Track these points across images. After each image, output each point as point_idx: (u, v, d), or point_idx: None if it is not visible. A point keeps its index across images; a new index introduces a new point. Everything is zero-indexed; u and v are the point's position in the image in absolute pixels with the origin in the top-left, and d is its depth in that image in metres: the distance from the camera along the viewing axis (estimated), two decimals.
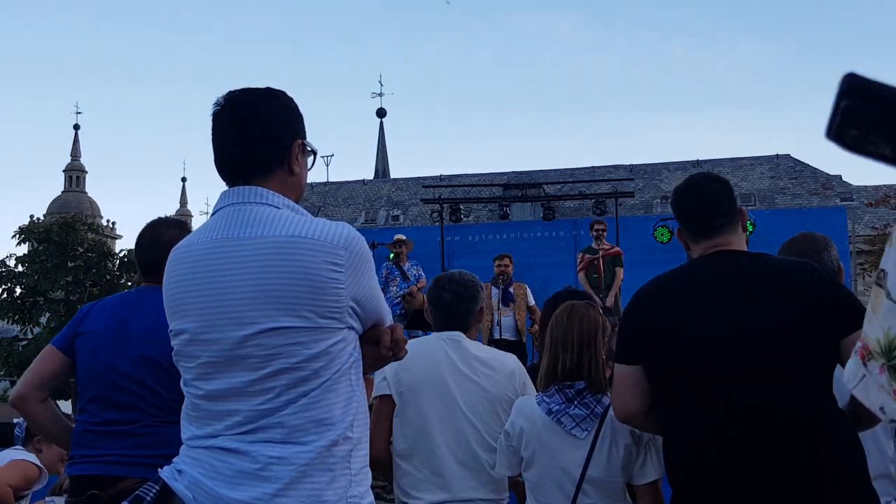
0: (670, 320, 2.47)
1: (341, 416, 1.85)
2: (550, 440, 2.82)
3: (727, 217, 2.55)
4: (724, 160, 33.63)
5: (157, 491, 1.85)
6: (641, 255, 13.43)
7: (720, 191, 2.59)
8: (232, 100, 2.00)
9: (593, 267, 10.57)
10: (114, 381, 2.78)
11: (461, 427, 3.07)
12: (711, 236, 2.54)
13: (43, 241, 28.92)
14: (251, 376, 1.82)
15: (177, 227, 3.07)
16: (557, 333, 2.90)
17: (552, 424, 2.81)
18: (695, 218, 2.58)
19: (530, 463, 2.86)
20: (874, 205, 25.20)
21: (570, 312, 2.93)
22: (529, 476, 2.87)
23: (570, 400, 2.81)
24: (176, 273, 1.96)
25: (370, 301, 1.93)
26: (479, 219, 27.71)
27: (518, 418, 2.88)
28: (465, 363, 3.14)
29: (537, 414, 2.84)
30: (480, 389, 3.11)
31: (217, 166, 2.01)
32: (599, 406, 2.81)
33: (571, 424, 2.79)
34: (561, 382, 2.85)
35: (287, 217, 1.89)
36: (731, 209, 2.56)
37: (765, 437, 2.29)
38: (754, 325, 2.35)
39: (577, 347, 2.86)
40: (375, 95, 49.03)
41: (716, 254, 2.52)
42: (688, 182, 2.66)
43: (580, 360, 2.85)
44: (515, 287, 10.02)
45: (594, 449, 2.78)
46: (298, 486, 1.79)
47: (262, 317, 1.81)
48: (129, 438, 2.71)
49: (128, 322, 2.84)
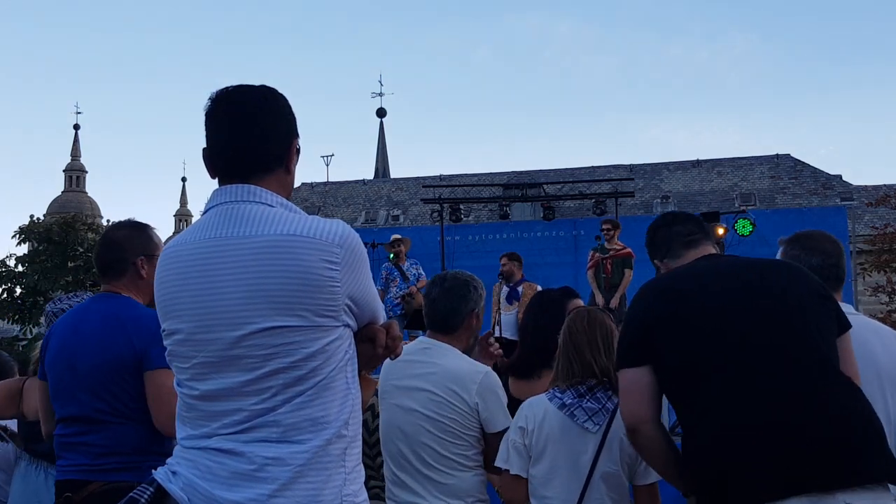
0: (683, 307, 2.46)
1: (337, 414, 1.84)
2: (562, 434, 2.84)
3: (705, 235, 2.78)
4: (724, 160, 33.60)
5: (151, 493, 1.84)
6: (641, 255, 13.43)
7: (692, 219, 2.83)
8: (229, 97, 1.97)
9: (602, 267, 10.54)
10: (66, 397, 2.96)
11: (417, 437, 3.00)
12: (699, 246, 2.72)
13: (43, 241, 28.90)
14: (247, 376, 1.81)
15: (129, 228, 3.14)
16: (578, 338, 2.93)
17: (564, 418, 2.84)
18: (681, 234, 2.76)
19: (540, 457, 2.86)
20: (874, 205, 25.14)
21: (589, 318, 2.97)
22: (537, 472, 2.86)
23: (582, 395, 2.86)
24: (168, 273, 1.93)
25: (366, 299, 1.91)
26: (479, 219, 27.68)
27: (531, 414, 2.90)
28: (421, 374, 3.02)
29: (549, 409, 2.87)
30: (429, 404, 3.00)
31: (211, 164, 1.98)
32: (610, 402, 2.85)
33: (584, 417, 2.82)
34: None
35: (281, 215, 1.87)
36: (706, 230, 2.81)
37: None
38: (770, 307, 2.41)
39: (598, 351, 2.90)
40: (375, 95, 49.02)
41: (709, 255, 2.67)
42: (663, 216, 2.89)
43: (599, 364, 2.89)
44: (526, 286, 9.93)
45: (605, 442, 2.81)
46: (295, 486, 1.77)
47: (257, 316, 1.79)
48: (87, 448, 2.88)
49: (73, 338, 2.99)
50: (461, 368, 3.02)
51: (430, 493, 2.94)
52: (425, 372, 3.03)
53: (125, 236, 3.10)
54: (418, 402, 3.00)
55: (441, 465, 2.96)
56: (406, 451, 3.00)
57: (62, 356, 2.97)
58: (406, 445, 3.00)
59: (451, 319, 3.09)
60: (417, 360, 3.05)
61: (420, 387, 3.01)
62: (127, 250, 3.06)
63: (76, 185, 65.00)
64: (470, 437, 2.99)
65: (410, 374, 3.04)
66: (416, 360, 3.04)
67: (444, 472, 2.96)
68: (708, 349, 2.39)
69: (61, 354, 2.97)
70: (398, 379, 3.07)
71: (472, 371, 3.02)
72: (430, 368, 3.03)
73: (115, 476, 2.77)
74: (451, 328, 3.10)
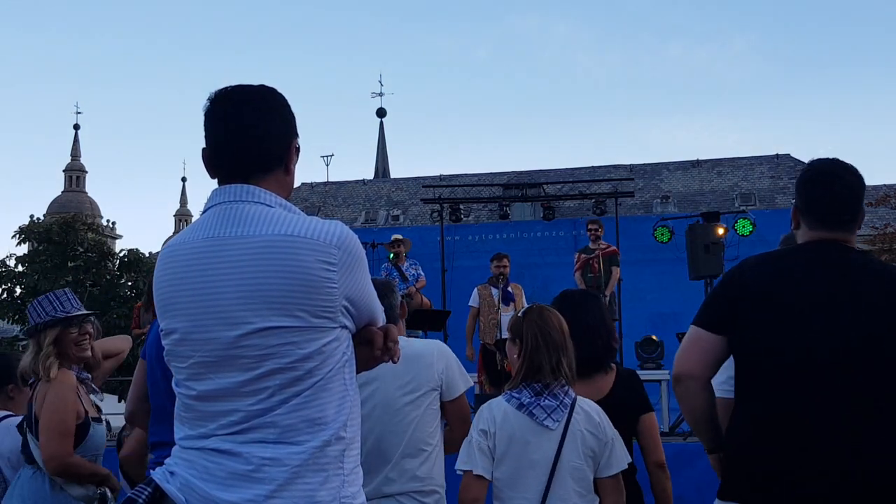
0: (777, 291, 2.43)
1: (335, 415, 1.84)
2: (523, 434, 2.86)
3: (853, 215, 2.51)
4: (724, 160, 33.60)
5: (149, 493, 1.83)
6: (641, 255, 13.43)
7: (855, 184, 2.52)
8: (228, 97, 1.97)
9: (589, 266, 10.59)
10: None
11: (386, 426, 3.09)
12: (834, 229, 2.50)
13: (43, 241, 28.94)
14: (244, 377, 1.81)
15: None
16: (529, 337, 2.94)
17: (523, 418, 2.86)
18: (822, 207, 2.51)
19: (502, 459, 2.88)
20: (874, 205, 25.18)
21: (541, 315, 2.99)
22: (501, 473, 2.88)
23: (539, 393, 2.88)
24: (166, 272, 1.93)
25: (363, 300, 1.91)
26: (479, 219, 27.67)
27: (490, 416, 2.91)
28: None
29: (508, 410, 2.89)
30: (394, 392, 3.10)
31: (211, 164, 1.97)
32: (567, 397, 2.89)
33: (543, 415, 2.85)
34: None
35: (280, 215, 1.87)
36: (859, 207, 2.52)
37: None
38: (854, 324, 2.34)
39: (554, 349, 2.91)
40: (375, 95, 49.01)
41: (832, 242, 2.49)
42: (823, 168, 2.56)
43: (558, 363, 2.90)
44: (513, 287, 10.02)
45: (566, 437, 2.84)
46: (292, 486, 1.77)
47: (254, 316, 1.79)
48: None
49: None
50: (416, 348, 3.18)
51: (402, 480, 3.04)
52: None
53: None
54: (381, 393, 3.09)
55: (411, 450, 3.08)
56: (376, 442, 3.07)
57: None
58: (375, 437, 3.06)
59: (389, 318, 3.25)
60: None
61: (381, 377, 3.06)
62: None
63: (76, 185, 65.06)
64: (434, 411, 3.15)
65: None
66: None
67: (413, 458, 3.08)
68: (783, 338, 2.39)
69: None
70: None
71: (427, 344, 3.24)
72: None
73: None
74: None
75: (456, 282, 11.39)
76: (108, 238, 36.61)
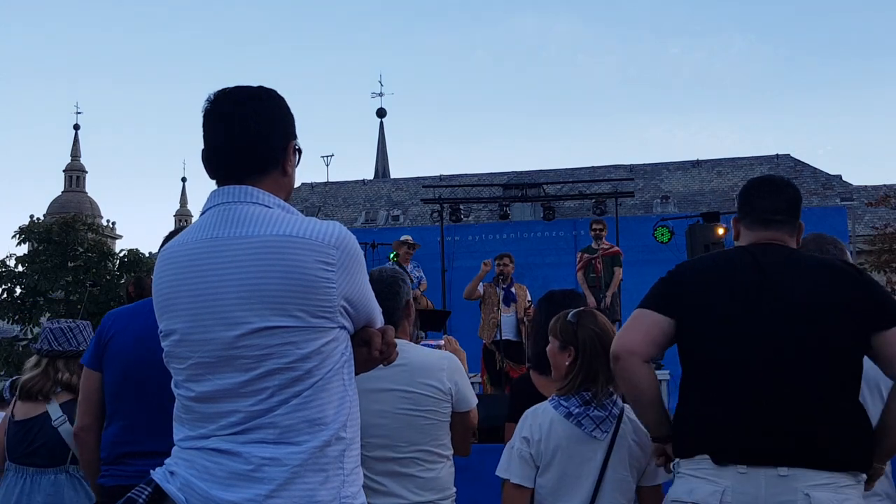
0: (714, 290, 2.49)
1: (334, 415, 1.84)
2: (570, 444, 2.81)
3: (786, 217, 2.65)
4: (724, 160, 33.65)
5: (149, 493, 1.84)
6: (641, 255, 13.41)
7: (792, 195, 2.70)
8: (226, 98, 1.97)
9: (592, 266, 10.58)
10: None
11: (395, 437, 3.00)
12: (768, 228, 2.62)
13: (43, 241, 28.92)
14: (243, 377, 1.81)
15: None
16: (588, 344, 2.90)
17: (571, 427, 2.81)
18: (757, 208, 2.66)
19: (548, 468, 2.83)
20: (874, 205, 25.19)
21: (597, 321, 2.95)
22: (545, 482, 2.84)
23: (588, 402, 2.82)
24: (165, 273, 1.93)
25: (362, 301, 1.92)
26: (479, 219, 27.69)
27: (535, 424, 2.86)
28: (386, 374, 2.95)
29: (555, 418, 2.84)
30: (400, 398, 3.00)
31: (209, 165, 1.98)
32: (616, 408, 2.84)
33: (592, 426, 2.80)
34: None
35: (278, 216, 1.87)
36: (792, 215, 2.67)
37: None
38: (793, 312, 2.42)
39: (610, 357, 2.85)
40: (375, 95, 49.24)
41: (768, 244, 2.60)
42: (764, 177, 2.84)
43: (608, 372, 2.83)
44: (516, 287, 10.00)
45: (613, 448, 2.80)
46: (291, 486, 1.77)
47: (253, 316, 1.79)
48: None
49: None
50: (427, 359, 3.09)
51: (412, 490, 2.95)
52: (391, 372, 3.00)
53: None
54: (389, 403, 3.00)
55: (422, 461, 3.00)
56: (384, 454, 2.99)
57: (143, 353, 2.85)
58: (384, 449, 2.99)
59: (391, 319, 3.12)
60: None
61: (388, 388, 2.99)
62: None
63: (76, 185, 65.03)
64: (445, 423, 3.07)
65: (374, 376, 3.03)
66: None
67: (425, 467, 3.00)
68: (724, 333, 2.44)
69: (141, 350, 2.86)
70: (362, 382, 3.05)
71: (438, 358, 3.11)
72: (395, 367, 3.03)
73: None
74: (393, 326, 3.15)
75: (456, 282, 11.38)
76: (108, 238, 36.56)
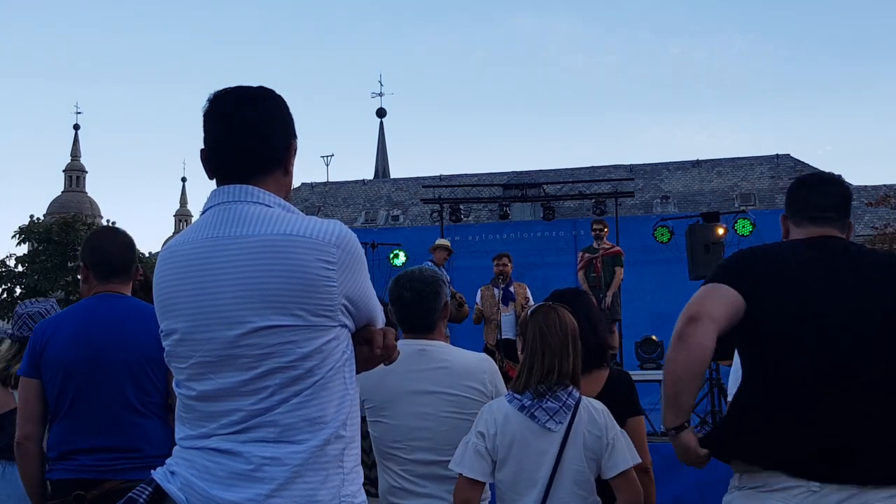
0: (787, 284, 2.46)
1: (334, 414, 1.84)
2: (525, 436, 2.83)
3: (836, 214, 2.64)
4: (724, 160, 33.63)
5: (150, 493, 1.84)
6: (641, 255, 13.41)
7: (842, 191, 2.68)
8: (227, 98, 1.97)
9: (592, 266, 10.57)
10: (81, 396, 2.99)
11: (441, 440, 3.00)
12: (818, 225, 2.61)
13: (43, 241, 28.95)
14: (244, 376, 1.81)
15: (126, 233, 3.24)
16: (530, 338, 2.92)
17: (525, 420, 2.83)
18: (808, 205, 2.64)
19: (504, 462, 2.85)
20: (874, 205, 25.19)
21: (546, 315, 2.95)
22: (503, 476, 2.86)
23: (542, 395, 2.84)
24: (166, 272, 1.93)
25: (363, 300, 1.92)
26: (479, 219, 27.67)
27: (490, 419, 2.87)
28: (429, 377, 3.03)
29: (510, 412, 2.86)
30: (445, 401, 3.02)
31: (210, 165, 1.98)
32: (570, 398, 2.85)
33: (545, 418, 2.82)
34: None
35: (279, 215, 1.87)
36: (843, 211, 2.66)
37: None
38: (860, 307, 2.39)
39: (556, 351, 2.88)
40: (375, 95, 49.26)
41: (823, 237, 2.58)
42: (813, 174, 2.82)
43: (560, 365, 2.87)
44: (516, 286, 10.00)
45: (567, 440, 2.81)
46: (292, 486, 1.78)
47: (254, 315, 1.80)
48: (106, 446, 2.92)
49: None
50: (468, 361, 3.11)
51: (452, 493, 2.93)
52: (433, 375, 3.04)
53: (132, 241, 3.18)
54: (432, 406, 3.01)
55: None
56: (427, 457, 3.00)
57: (79, 354, 2.91)
58: (426, 452, 3.00)
59: (430, 318, 3.16)
60: (421, 364, 3.05)
61: (431, 390, 3.01)
62: (135, 254, 3.20)
63: (76, 185, 65.04)
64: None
65: (416, 377, 3.04)
66: (418, 364, 3.04)
67: None
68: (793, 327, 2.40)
69: (76, 352, 2.91)
70: (405, 384, 3.05)
71: (478, 360, 3.14)
72: (438, 370, 3.06)
73: (134, 474, 2.73)
74: (432, 326, 3.16)
75: (456, 282, 11.35)
76: None
